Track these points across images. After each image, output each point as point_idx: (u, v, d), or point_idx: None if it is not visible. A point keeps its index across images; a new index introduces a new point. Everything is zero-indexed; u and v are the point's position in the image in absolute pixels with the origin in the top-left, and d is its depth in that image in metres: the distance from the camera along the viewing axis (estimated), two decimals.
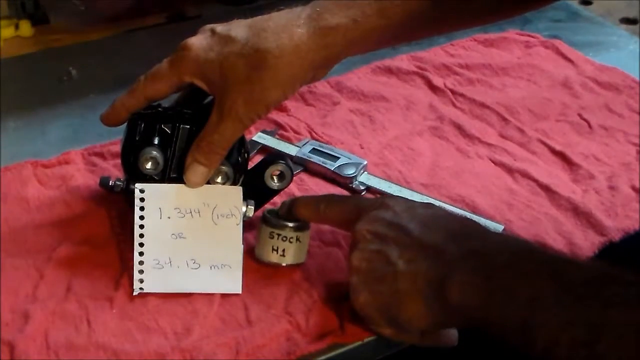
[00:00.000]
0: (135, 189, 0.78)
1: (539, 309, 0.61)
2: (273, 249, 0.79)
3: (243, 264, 0.78)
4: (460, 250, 0.67)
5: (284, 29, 0.74)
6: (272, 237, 0.79)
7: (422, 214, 0.72)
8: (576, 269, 0.63)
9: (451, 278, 0.65)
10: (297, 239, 0.79)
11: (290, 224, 0.78)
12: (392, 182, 0.92)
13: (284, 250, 0.79)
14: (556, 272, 0.62)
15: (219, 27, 0.77)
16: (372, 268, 0.71)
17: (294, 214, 0.78)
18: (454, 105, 1.06)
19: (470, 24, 0.98)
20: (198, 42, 0.76)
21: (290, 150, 0.95)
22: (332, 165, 0.92)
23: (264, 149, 0.96)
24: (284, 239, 0.78)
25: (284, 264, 0.79)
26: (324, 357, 0.73)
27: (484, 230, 0.72)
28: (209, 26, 0.78)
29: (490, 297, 0.64)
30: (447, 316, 0.68)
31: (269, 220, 0.79)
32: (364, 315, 0.72)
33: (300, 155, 0.94)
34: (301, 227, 0.79)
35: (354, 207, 0.75)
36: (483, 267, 0.65)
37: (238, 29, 0.76)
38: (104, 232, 0.84)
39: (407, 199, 0.80)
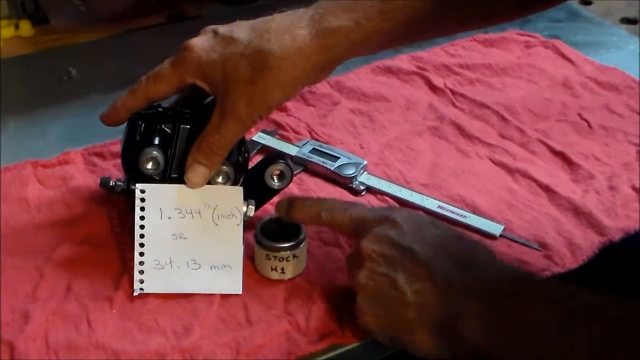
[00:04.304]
0: (136, 189, 0.78)
1: (544, 336, 0.62)
2: (272, 269, 0.78)
3: (243, 264, 0.78)
4: (468, 281, 0.67)
5: (286, 30, 0.74)
6: (270, 259, 0.78)
7: (429, 236, 0.71)
8: (577, 295, 0.64)
9: (461, 314, 0.66)
10: (294, 256, 0.78)
11: (286, 245, 0.78)
12: (392, 182, 0.92)
13: (282, 269, 0.78)
14: (559, 298, 0.63)
15: (222, 28, 0.77)
16: (379, 290, 0.70)
17: (292, 218, 0.78)
18: (454, 105, 1.06)
19: (472, 27, 0.98)
20: (200, 42, 0.76)
21: (290, 150, 0.95)
22: (332, 165, 0.92)
23: (264, 149, 0.95)
24: (281, 259, 0.78)
25: (285, 279, 0.79)
26: (323, 357, 0.73)
27: (489, 255, 0.72)
28: (211, 27, 0.78)
29: (498, 329, 0.65)
30: (455, 348, 0.68)
31: (264, 243, 0.78)
32: (369, 333, 0.72)
33: (300, 155, 0.94)
34: (296, 244, 0.78)
35: (357, 218, 0.74)
36: (490, 297, 0.66)
37: (241, 30, 0.76)
38: (104, 232, 0.84)
39: (412, 211, 0.79)
